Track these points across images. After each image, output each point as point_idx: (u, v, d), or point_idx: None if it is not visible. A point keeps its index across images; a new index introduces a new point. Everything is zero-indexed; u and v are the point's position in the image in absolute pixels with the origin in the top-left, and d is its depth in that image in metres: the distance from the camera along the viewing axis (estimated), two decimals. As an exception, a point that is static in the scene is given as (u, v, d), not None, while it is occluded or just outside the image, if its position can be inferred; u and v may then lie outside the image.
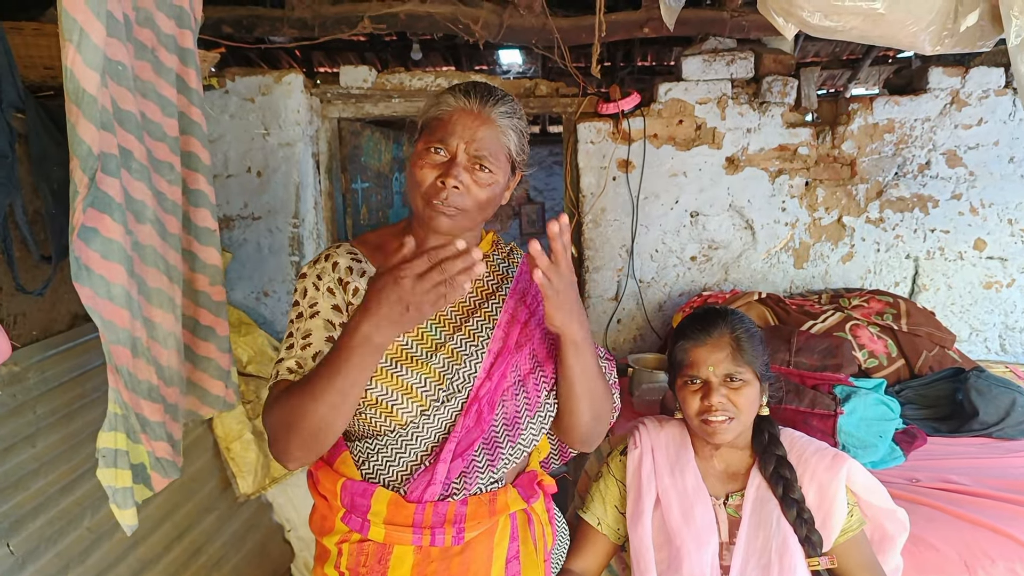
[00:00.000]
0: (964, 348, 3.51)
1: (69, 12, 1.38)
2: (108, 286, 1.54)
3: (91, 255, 1.51)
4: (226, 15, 3.27)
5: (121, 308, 1.58)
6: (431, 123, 1.26)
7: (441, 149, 1.22)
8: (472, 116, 1.23)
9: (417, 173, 1.23)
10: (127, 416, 1.65)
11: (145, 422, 1.71)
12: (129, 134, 1.66)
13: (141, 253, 1.72)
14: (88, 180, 1.44)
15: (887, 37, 1.67)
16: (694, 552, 1.46)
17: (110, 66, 1.57)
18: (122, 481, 1.64)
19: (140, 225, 1.71)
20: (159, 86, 1.84)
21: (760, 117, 3.54)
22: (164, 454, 1.78)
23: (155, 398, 1.73)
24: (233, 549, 2.69)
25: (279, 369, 1.22)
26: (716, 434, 1.50)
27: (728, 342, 1.52)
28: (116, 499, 1.63)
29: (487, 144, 1.23)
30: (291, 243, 3.53)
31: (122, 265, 1.57)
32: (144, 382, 1.69)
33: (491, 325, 1.31)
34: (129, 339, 1.62)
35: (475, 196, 1.23)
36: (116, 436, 1.63)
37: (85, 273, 1.50)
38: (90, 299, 1.50)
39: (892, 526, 1.56)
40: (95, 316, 1.52)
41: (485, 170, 1.23)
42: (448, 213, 1.22)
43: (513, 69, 6.21)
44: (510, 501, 1.27)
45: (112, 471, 1.62)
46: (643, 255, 3.67)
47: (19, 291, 1.89)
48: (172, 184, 1.87)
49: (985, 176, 3.51)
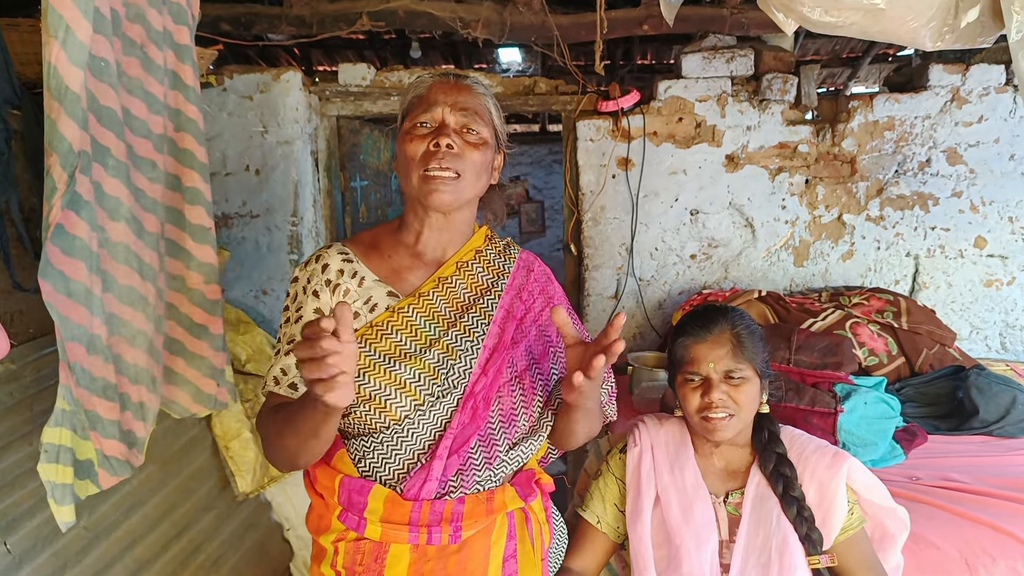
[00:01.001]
0: (964, 346, 3.51)
1: (55, 8, 1.37)
2: (67, 282, 1.53)
3: (53, 250, 1.50)
4: (224, 12, 3.26)
5: (79, 304, 1.57)
6: (412, 103, 1.31)
7: (427, 122, 1.27)
8: (450, 84, 1.30)
9: (407, 148, 1.27)
10: (75, 412, 1.64)
11: (96, 419, 1.69)
12: (107, 130, 1.64)
13: (112, 250, 1.70)
14: (67, 177, 1.43)
15: (887, 33, 1.66)
16: (694, 550, 1.45)
17: (92, 62, 1.56)
18: (62, 477, 1.63)
19: (113, 222, 1.69)
20: (147, 83, 1.82)
21: (760, 115, 3.53)
22: (114, 452, 1.76)
23: (110, 396, 1.71)
24: (232, 548, 2.68)
25: (267, 378, 1.27)
26: (716, 431, 1.49)
27: (728, 338, 1.51)
28: (55, 494, 1.62)
29: (470, 104, 1.28)
30: (290, 241, 3.52)
31: (83, 261, 1.56)
32: (100, 379, 1.67)
33: (486, 321, 1.31)
34: (85, 335, 1.60)
35: (470, 157, 1.26)
36: (61, 432, 1.62)
37: (49, 268, 1.49)
38: (49, 294, 1.50)
39: (893, 524, 1.55)
40: (52, 311, 1.51)
41: (474, 132, 1.27)
42: (446, 180, 1.25)
43: (512, 67, 6.19)
44: (507, 500, 1.27)
45: (54, 467, 1.61)
46: (643, 253, 3.67)
47: (15, 289, 1.88)
48: (153, 182, 1.85)
49: (986, 174, 3.51)
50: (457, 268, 1.35)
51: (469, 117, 1.27)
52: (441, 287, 1.32)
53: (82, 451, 1.68)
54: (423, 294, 1.30)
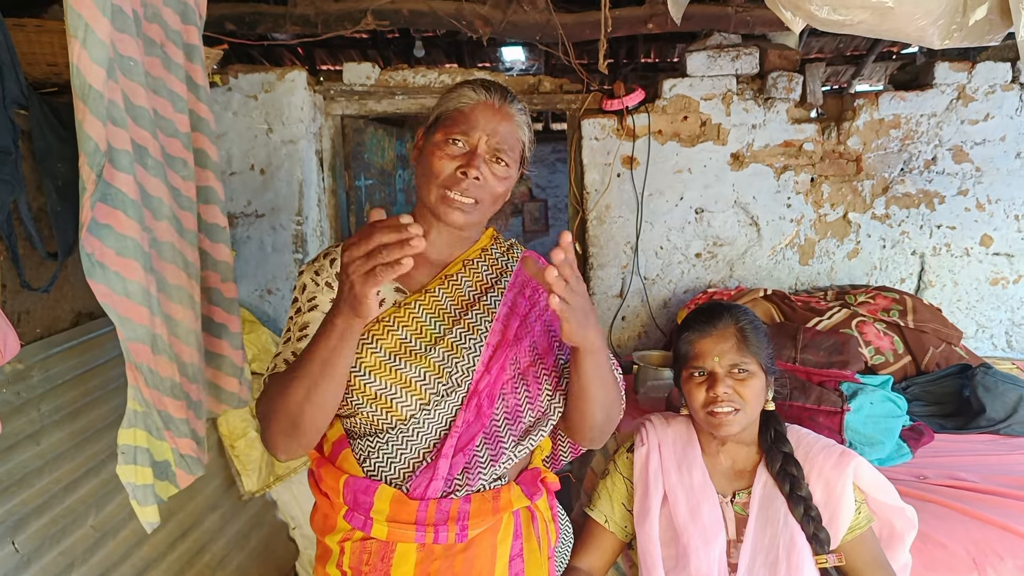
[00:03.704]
0: (970, 344, 3.50)
1: (74, 8, 1.38)
2: (124, 282, 1.53)
3: (106, 251, 1.50)
4: (229, 12, 3.26)
5: (139, 304, 1.57)
6: (451, 115, 1.28)
7: (461, 140, 1.25)
8: (493, 110, 1.27)
9: (435, 163, 1.25)
10: (148, 413, 1.64)
11: (169, 419, 1.70)
12: (143, 130, 1.65)
13: (159, 250, 1.71)
14: (95, 176, 1.44)
15: (895, 31, 1.66)
16: (701, 549, 1.45)
17: (121, 62, 1.56)
18: (142, 478, 1.64)
19: (157, 222, 1.70)
20: (169, 82, 1.83)
21: (765, 113, 3.53)
22: (189, 451, 1.77)
23: (178, 395, 1.72)
24: (237, 547, 2.68)
25: (276, 362, 1.25)
26: (722, 426, 1.49)
27: (733, 333, 1.51)
28: (136, 496, 1.63)
29: (507, 138, 1.26)
30: (294, 241, 3.52)
31: (138, 261, 1.56)
32: (167, 379, 1.68)
33: (490, 318, 1.31)
34: (148, 335, 1.61)
35: (491, 188, 1.26)
36: (136, 433, 1.63)
37: (100, 270, 1.49)
38: (106, 296, 1.50)
39: (901, 524, 1.55)
40: (111, 313, 1.51)
41: (502, 163, 1.26)
42: (464, 207, 1.24)
43: (516, 66, 6.19)
44: (513, 498, 1.26)
45: (132, 468, 1.62)
46: (648, 252, 3.66)
47: (24, 288, 1.88)
48: (186, 180, 1.86)
49: (992, 172, 3.50)
50: (463, 266, 1.36)
51: (502, 151, 1.25)
52: (447, 284, 1.32)
53: (159, 452, 1.70)
54: (429, 290, 1.30)
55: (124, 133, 1.55)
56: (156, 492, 1.69)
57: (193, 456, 1.79)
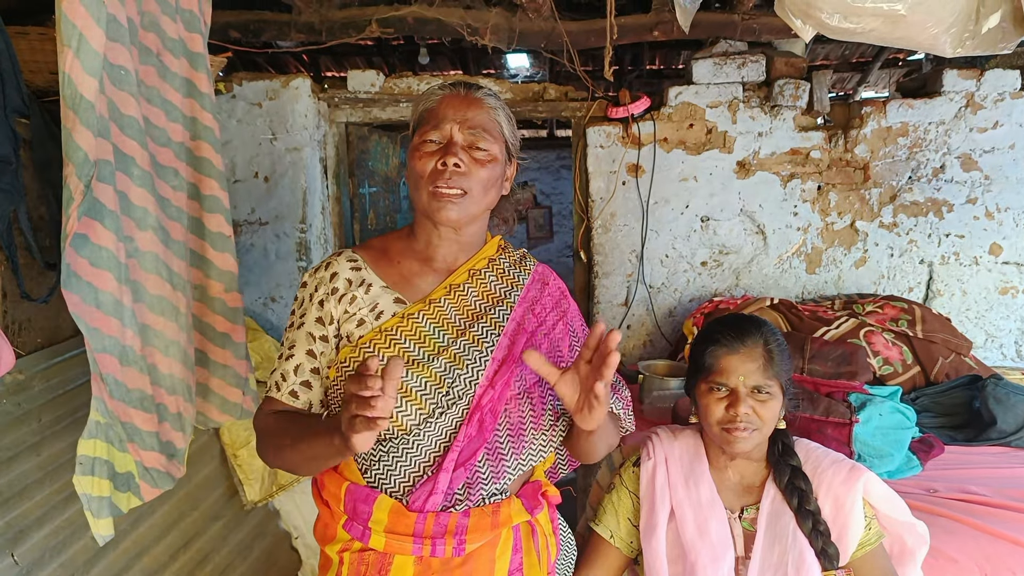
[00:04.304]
0: (980, 354, 3.46)
1: (68, 17, 1.37)
2: (96, 293, 1.53)
3: (80, 262, 1.50)
4: (233, 20, 3.26)
5: (109, 316, 1.56)
6: (423, 116, 1.31)
7: (435, 136, 1.26)
8: (460, 99, 1.29)
9: (417, 165, 1.26)
10: (111, 424, 1.63)
11: (135, 431, 1.69)
12: (131, 139, 1.64)
13: (140, 259, 1.70)
14: (84, 187, 1.43)
15: (907, 39, 1.63)
16: (709, 567, 1.42)
17: (111, 70, 1.55)
18: (98, 490, 1.63)
19: (141, 232, 1.69)
20: (164, 91, 1.82)
21: (772, 121, 3.50)
22: (155, 464, 1.75)
23: (147, 408, 1.71)
24: (240, 557, 2.66)
25: (272, 381, 1.30)
26: (736, 443, 1.46)
27: (761, 353, 1.47)
28: (91, 507, 1.62)
29: (479, 121, 1.27)
30: (298, 248, 3.51)
31: (111, 272, 1.55)
32: (135, 391, 1.67)
33: (496, 332, 1.30)
34: (117, 347, 1.60)
35: (476, 175, 1.26)
36: (96, 444, 1.62)
37: (74, 280, 1.49)
38: (76, 306, 1.49)
39: (912, 540, 1.52)
40: (80, 323, 1.51)
41: (482, 150, 1.26)
42: (453, 198, 1.24)
43: (521, 73, 6.18)
44: (513, 513, 1.25)
45: (89, 479, 1.61)
46: (653, 260, 3.64)
47: (24, 298, 1.87)
48: (176, 190, 1.85)
49: (1001, 180, 3.47)
50: (469, 276, 1.34)
51: (477, 135, 1.26)
52: (452, 294, 1.31)
53: (121, 464, 1.69)
54: (434, 300, 1.29)
55: (106, 143, 1.54)
56: (115, 504, 1.68)
57: (160, 470, 1.77)
